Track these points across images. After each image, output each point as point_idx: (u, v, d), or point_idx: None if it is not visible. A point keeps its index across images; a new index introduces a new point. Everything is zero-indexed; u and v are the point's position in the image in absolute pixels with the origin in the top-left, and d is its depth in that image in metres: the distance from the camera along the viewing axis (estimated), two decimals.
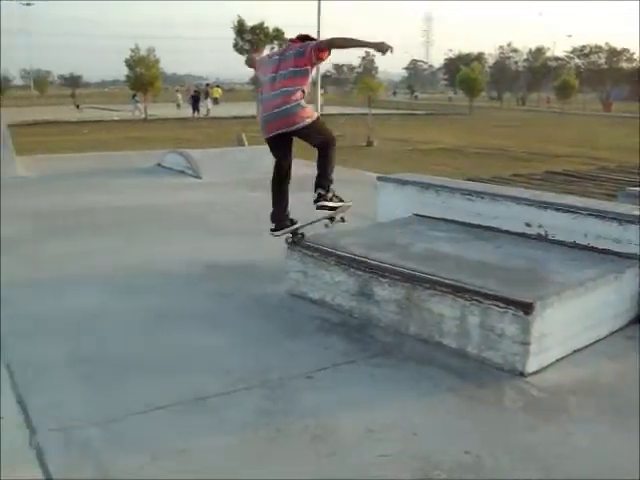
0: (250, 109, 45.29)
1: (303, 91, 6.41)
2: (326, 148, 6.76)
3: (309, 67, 6.44)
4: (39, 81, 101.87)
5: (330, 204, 6.80)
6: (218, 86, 57.44)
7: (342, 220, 7.08)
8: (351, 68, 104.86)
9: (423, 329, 5.60)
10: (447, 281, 5.45)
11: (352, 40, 6.43)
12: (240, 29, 44.09)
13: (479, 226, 7.28)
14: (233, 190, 13.34)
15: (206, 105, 48.21)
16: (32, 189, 13.53)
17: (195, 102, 47.75)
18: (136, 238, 9.32)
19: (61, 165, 17.71)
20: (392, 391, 4.82)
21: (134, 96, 48.63)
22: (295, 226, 6.86)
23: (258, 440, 4.16)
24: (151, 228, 10.01)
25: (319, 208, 6.79)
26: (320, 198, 6.72)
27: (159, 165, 16.40)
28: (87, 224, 10.23)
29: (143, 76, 46.25)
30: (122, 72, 51.64)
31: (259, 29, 43.64)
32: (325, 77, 50.25)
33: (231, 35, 44.59)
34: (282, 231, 6.82)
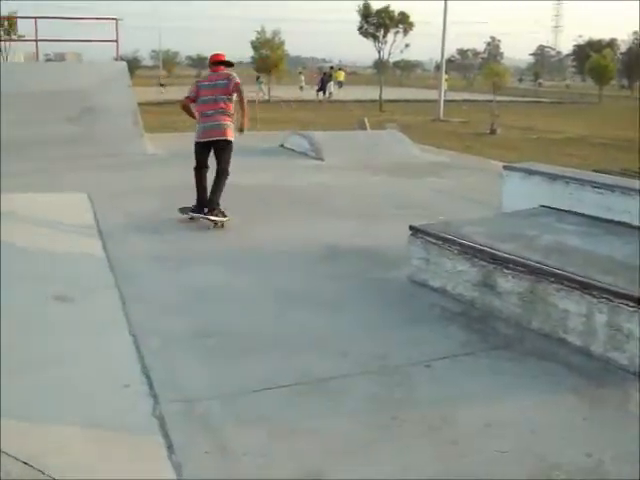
0: (372, 93, 45.24)
1: (231, 115, 8.93)
2: (222, 176, 9.00)
3: (232, 96, 8.89)
4: (167, 61, 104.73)
5: (212, 218, 8.81)
6: (341, 69, 57.46)
7: (221, 225, 8.90)
8: (476, 53, 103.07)
9: (546, 324, 5.45)
10: (575, 276, 5.27)
11: (244, 100, 8.97)
12: (365, 12, 43.85)
13: (609, 220, 7.02)
14: (354, 173, 13.34)
15: (329, 88, 48.38)
16: (161, 166, 13.94)
17: (323, 84, 48.07)
18: (258, 218, 9.47)
19: (186, 143, 18.12)
20: (511, 386, 4.72)
21: (258, 78, 49.29)
22: (198, 215, 8.94)
23: (373, 426, 4.15)
24: (273, 208, 10.16)
25: (204, 218, 8.86)
26: (207, 213, 8.83)
27: (282, 146, 16.58)
28: None
29: (268, 58, 46.82)
30: (247, 53, 52.64)
31: (384, 12, 43.29)
32: (449, 62, 49.60)
33: (355, 18, 44.44)
34: (192, 214, 9.00)
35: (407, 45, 44.07)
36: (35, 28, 20.12)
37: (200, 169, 9.16)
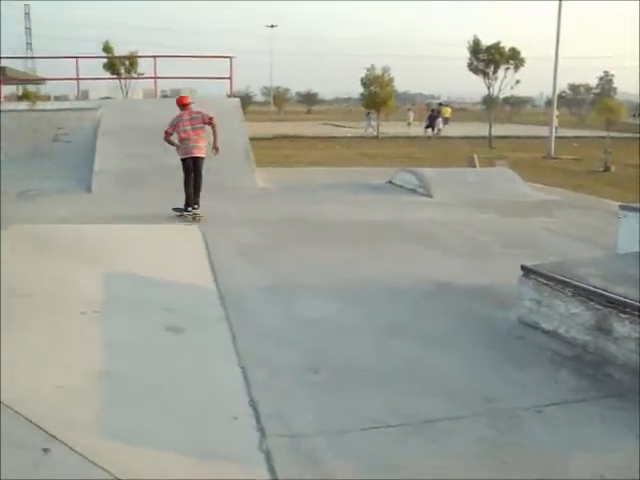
0: (481, 129, 44.82)
1: (204, 139, 12.37)
2: (200, 180, 12.37)
3: (204, 126, 12.32)
4: (278, 97, 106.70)
5: (198, 212, 12.10)
6: (447, 105, 57.17)
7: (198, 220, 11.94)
8: (588, 88, 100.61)
9: None
10: None
11: (215, 127, 12.38)
12: (475, 49, 43.59)
13: None
14: (463, 211, 13.22)
15: (438, 124, 48.22)
16: (271, 200, 14.20)
17: (431, 121, 48.01)
18: (365, 252, 9.51)
19: (296, 178, 18.46)
20: (624, 436, 4.52)
21: (368, 114, 49.61)
22: (187, 213, 12.10)
23: (483, 470, 4.07)
24: (382, 243, 10.17)
25: (192, 215, 12.07)
26: (196, 209, 12.14)
27: (390, 182, 16.60)
28: (321, 235, 10.60)
29: (377, 94, 47.11)
30: (356, 90, 53.08)
31: (494, 49, 42.87)
32: (560, 97, 48.49)
33: (465, 54, 44.20)
34: (183, 213, 12.14)
35: (518, 81, 43.42)
36: (154, 66, 20.98)
37: (189, 175, 12.28)
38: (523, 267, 6.67)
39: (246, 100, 70.07)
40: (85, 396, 4.80)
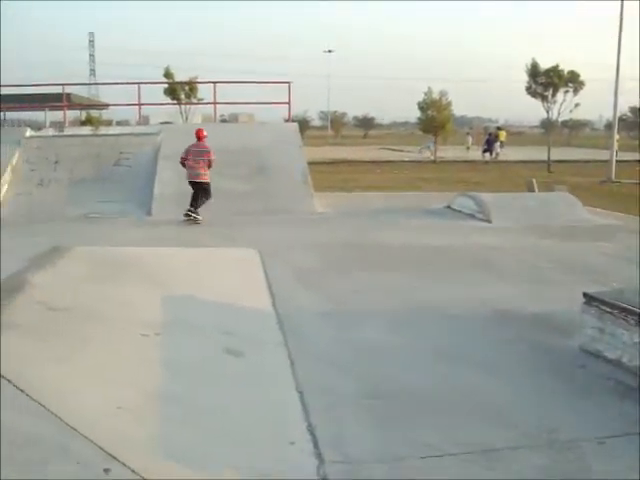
0: (539, 153, 44.33)
1: (207, 167, 15.12)
2: (199, 195, 14.99)
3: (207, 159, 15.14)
4: (335, 122, 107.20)
5: (194, 217, 14.80)
6: (502, 129, 56.66)
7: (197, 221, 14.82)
8: None
9: None
10: None
11: (211, 163, 15.19)
12: (534, 72, 43.22)
13: None
14: (523, 236, 13.07)
15: (496, 148, 47.85)
16: (329, 224, 14.25)
17: (489, 144, 47.67)
18: (424, 277, 9.46)
19: (354, 202, 18.51)
20: None
21: (434, 141, 49.36)
22: (188, 217, 14.77)
23: None
24: (438, 268, 10.11)
25: (187, 218, 14.81)
26: (191, 215, 14.82)
27: (448, 207, 16.53)
28: (379, 260, 10.59)
29: (434, 118, 47.02)
30: (413, 113, 53.08)
31: (553, 72, 42.46)
32: (621, 120, 47.77)
33: (522, 77, 43.84)
34: (188, 218, 14.76)
35: (577, 104, 42.85)
36: (214, 92, 21.32)
37: (194, 190, 15.10)
38: (585, 294, 6.56)
39: (304, 124, 70.58)
40: (145, 417, 4.86)
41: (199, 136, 15.45)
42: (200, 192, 14.97)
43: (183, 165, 15.24)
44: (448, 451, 4.50)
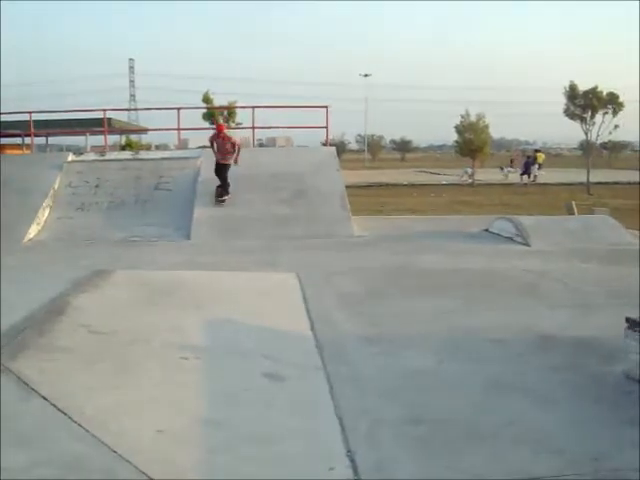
0: (578, 175, 43.98)
1: (232, 152, 17.36)
2: (225, 180, 17.23)
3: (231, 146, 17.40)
4: (372, 145, 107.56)
5: (224, 198, 17.10)
6: (540, 151, 56.19)
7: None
8: None
9: None
10: None
11: (238, 148, 17.54)
12: (572, 94, 42.99)
13: None
14: (563, 260, 12.91)
15: (534, 171, 47.57)
16: (367, 248, 14.24)
17: (527, 167, 47.38)
18: (464, 302, 9.37)
19: (392, 226, 18.49)
20: None
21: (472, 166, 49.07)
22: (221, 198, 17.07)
23: None
24: (479, 293, 10.01)
25: (220, 201, 17.08)
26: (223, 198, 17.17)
27: (487, 231, 16.43)
28: (419, 285, 10.53)
29: (472, 141, 46.91)
30: (450, 137, 53.02)
31: (592, 93, 42.19)
32: None
33: (560, 99, 43.61)
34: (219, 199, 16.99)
35: (616, 126, 42.49)
36: (252, 116, 21.53)
37: (218, 172, 17.32)
38: (628, 319, 6.46)
39: (341, 148, 70.85)
40: (185, 441, 4.88)
41: (219, 130, 18.06)
42: (223, 174, 17.29)
43: (212, 147, 17.74)
44: (490, 477, 4.44)
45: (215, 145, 17.44)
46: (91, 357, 6.36)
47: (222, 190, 17.15)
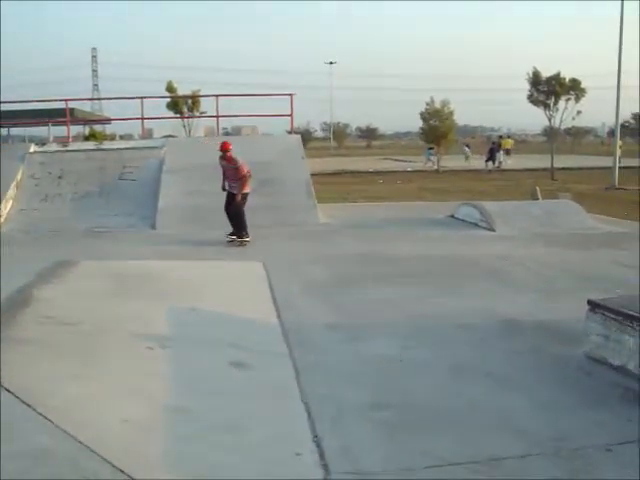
0: (542, 161, 44.30)
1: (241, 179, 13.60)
2: (238, 218, 13.66)
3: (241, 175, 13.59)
4: (338, 133, 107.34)
5: (238, 240, 13.49)
6: (509, 137, 56.53)
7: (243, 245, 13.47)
8: None
9: None
10: None
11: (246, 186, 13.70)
12: (535, 80, 43.22)
13: None
14: (528, 244, 13.07)
15: (498, 157, 47.82)
16: (333, 236, 14.27)
17: (492, 154, 47.59)
18: (430, 288, 9.46)
19: (358, 213, 18.53)
20: None
21: (431, 148, 49.35)
22: (232, 237, 13.54)
23: None
24: (445, 279, 10.10)
25: (230, 240, 13.53)
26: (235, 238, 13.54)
27: (452, 217, 16.54)
28: (384, 271, 10.58)
29: (437, 128, 47.00)
30: (416, 124, 53.02)
31: (555, 80, 42.44)
32: (623, 127, 47.79)
33: (524, 86, 43.82)
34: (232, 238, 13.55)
35: (579, 112, 42.80)
36: (216, 105, 21.40)
37: (227, 205, 13.91)
38: (590, 301, 6.56)
39: (306, 136, 70.73)
40: (151, 430, 4.87)
41: (224, 149, 13.81)
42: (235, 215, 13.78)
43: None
44: (455, 461, 4.49)
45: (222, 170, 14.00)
46: (56, 348, 6.30)
47: (236, 230, 13.71)
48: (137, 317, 7.54)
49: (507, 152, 50.73)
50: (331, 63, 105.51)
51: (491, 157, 47.77)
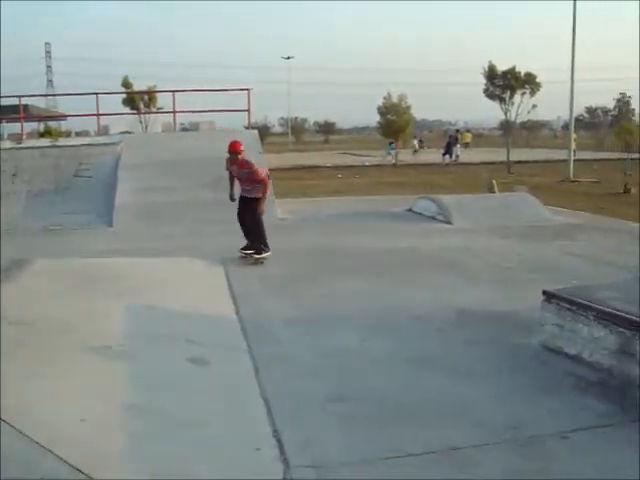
0: (499, 154, 44.77)
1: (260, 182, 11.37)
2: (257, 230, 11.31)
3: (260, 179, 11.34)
4: (296, 128, 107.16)
5: (255, 256, 11.11)
6: (468, 131, 57.07)
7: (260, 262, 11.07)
8: (605, 111, 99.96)
9: None
10: None
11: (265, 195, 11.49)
12: (491, 74, 43.64)
13: None
14: (484, 237, 13.20)
15: (456, 151, 48.22)
16: (291, 230, 14.26)
17: (449, 147, 47.97)
18: (388, 281, 9.51)
19: (316, 208, 18.52)
20: None
21: (391, 143, 49.53)
22: (247, 252, 11.24)
23: None
24: (402, 271, 10.16)
25: (244, 255, 11.26)
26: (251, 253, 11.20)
27: (410, 210, 16.63)
28: (343, 265, 10.60)
29: (394, 122, 47.23)
30: (373, 118, 53.22)
31: (510, 74, 42.88)
32: (577, 121, 48.48)
33: (480, 80, 44.24)
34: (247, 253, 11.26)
35: (534, 106, 43.30)
36: (173, 101, 21.23)
37: (242, 214, 11.75)
38: (545, 292, 6.66)
39: (264, 131, 70.43)
40: (109, 429, 4.83)
41: (234, 151, 11.70)
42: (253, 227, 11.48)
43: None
44: (412, 451, 4.54)
45: (231, 174, 12.08)
46: (10, 348, 6.21)
47: (253, 244, 11.40)
48: (94, 315, 7.46)
49: (466, 145, 51.18)
50: (288, 58, 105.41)
51: (448, 151, 48.14)
